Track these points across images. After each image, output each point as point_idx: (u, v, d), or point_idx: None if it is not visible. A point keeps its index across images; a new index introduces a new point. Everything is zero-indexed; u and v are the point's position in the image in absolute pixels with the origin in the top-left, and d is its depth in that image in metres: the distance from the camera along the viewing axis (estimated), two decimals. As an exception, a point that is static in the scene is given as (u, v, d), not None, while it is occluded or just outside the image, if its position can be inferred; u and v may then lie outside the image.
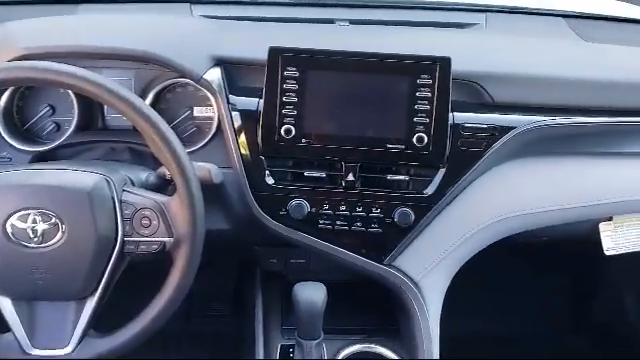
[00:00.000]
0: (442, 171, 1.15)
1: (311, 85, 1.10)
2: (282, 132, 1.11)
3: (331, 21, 1.39)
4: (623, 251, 1.27)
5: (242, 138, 1.14)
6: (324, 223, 1.16)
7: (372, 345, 1.26)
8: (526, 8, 1.51)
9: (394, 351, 1.24)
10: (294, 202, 1.14)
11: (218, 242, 1.15)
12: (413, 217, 1.15)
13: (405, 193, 1.15)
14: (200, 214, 0.97)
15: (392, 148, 1.12)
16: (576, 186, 1.22)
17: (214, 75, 1.15)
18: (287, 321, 1.32)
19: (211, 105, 1.19)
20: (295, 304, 1.07)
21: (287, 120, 1.11)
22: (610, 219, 1.26)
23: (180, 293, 0.98)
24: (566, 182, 1.22)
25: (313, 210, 1.15)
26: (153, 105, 1.19)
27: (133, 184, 1.05)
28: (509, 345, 1.86)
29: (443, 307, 1.21)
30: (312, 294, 1.06)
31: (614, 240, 1.26)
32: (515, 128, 1.16)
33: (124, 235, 0.98)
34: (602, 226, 1.26)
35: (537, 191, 1.21)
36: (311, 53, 1.11)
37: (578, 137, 1.22)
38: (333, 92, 1.12)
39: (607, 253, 1.27)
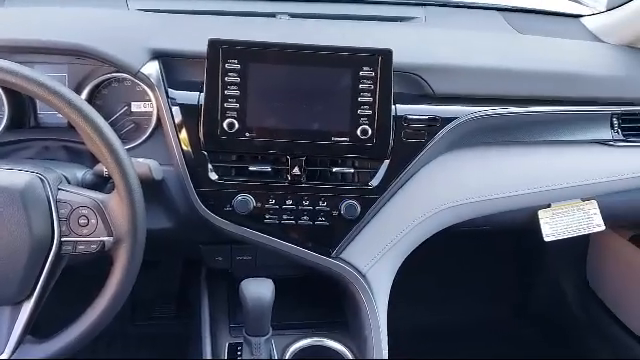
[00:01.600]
0: (386, 163, 1.16)
1: (253, 78, 1.09)
2: (225, 126, 1.09)
3: (272, 15, 1.38)
4: (561, 237, 1.31)
5: (183, 133, 1.11)
6: (270, 218, 1.15)
7: (321, 339, 1.25)
8: (464, 2, 1.54)
9: (343, 343, 1.24)
10: (239, 197, 1.13)
11: (161, 241, 1.12)
12: (359, 209, 1.15)
13: (351, 185, 1.16)
14: (140, 211, 0.94)
15: (337, 141, 1.12)
16: (515, 174, 1.25)
17: (152, 69, 1.12)
18: (234, 319, 1.30)
19: (150, 100, 1.16)
20: (242, 301, 1.05)
21: (229, 114, 1.09)
22: (548, 206, 1.30)
23: (122, 294, 0.95)
24: (505, 171, 1.26)
25: (259, 205, 1.14)
26: (89, 101, 1.15)
27: (69, 182, 1.01)
28: (454, 333, 1.90)
29: (390, 297, 1.22)
30: (259, 290, 1.04)
31: (552, 226, 1.30)
32: (456, 119, 1.18)
33: (61, 235, 0.94)
34: (541, 213, 1.30)
35: (478, 180, 1.24)
36: (252, 45, 1.09)
37: (516, 126, 1.25)
38: (276, 85, 1.11)
39: (546, 239, 1.30)
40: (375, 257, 1.20)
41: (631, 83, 1.32)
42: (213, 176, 1.12)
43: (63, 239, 0.94)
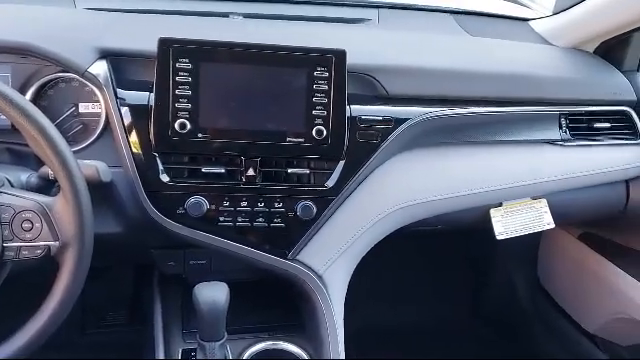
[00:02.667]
0: (341, 163, 1.15)
1: (205, 78, 1.07)
2: (176, 127, 1.06)
3: (225, 15, 1.36)
4: (513, 235, 1.33)
5: (133, 134, 1.08)
6: (225, 220, 1.13)
7: (277, 342, 1.24)
8: (416, 5, 1.56)
9: (300, 346, 1.23)
10: (192, 200, 1.10)
11: (110, 246, 1.09)
12: (315, 210, 1.15)
13: (306, 186, 1.15)
14: (87, 214, 0.91)
15: (292, 141, 1.11)
16: (467, 174, 1.27)
17: (100, 68, 1.08)
18: (188, 325, 1.28)
19: (98, 100, 1.12)
20: (196, 306, 1.02)
21: (181, 114, 1.06)
22: (500, 205, 1.32)
23: (69, 300, 0.91)
24: (458, 170, 1.27)
25: (212, 207, 1.12)
26: (34, 102, 1.10)
27: (12, 186, 0.97)
28: (410, 333, 1.92)
29: (347, 298, 1.22)
30: (214, 294, 1.02)
31: (504, 225, 1.33)
32: (409, 119, 1.19)
33: (3, 240, 0.90)
34: (493, 212, 1.32)
35: (430, 180, 1.25)
36: (204, 44, 1.07)
37: (468, 127, 1.27)
38: (229, 85, 1.09)
39: (498, 238, 1.33)
40: (331, 258, 1.19)
41: (578, 84, 1.36)
42: (164, 178, 1.10)
43: (5, 244, 0.90)
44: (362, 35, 1.37)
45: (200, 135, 1.08)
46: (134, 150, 1.08)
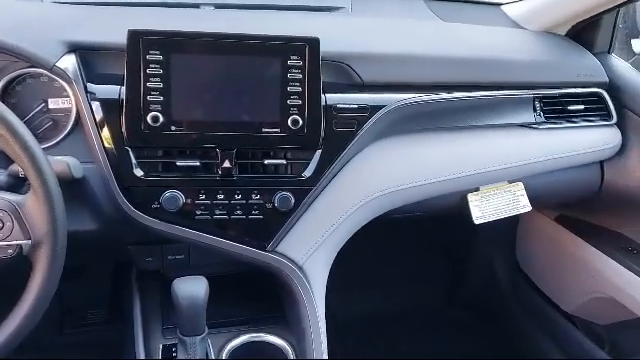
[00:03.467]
0: (319, 153, 1.14)
1: (177, 69, 1.05)
2: (149, 120, 1.04)
3: (196, 6, 1.34)
4: (491, 219, 1.34)
5: (104, 129, 1.06)
6: (201, 214, 1.11)
7: (259, 334, 1.23)
8: (388, -9, 1.55)
9: (282, 337, 1.23)
10: (167, 194, 1.08)
11: (86, 244, 1.07)
12: (293, 201, 1.14)
13: (284, 177, 1.14)
14: (59, 211, 0.89)
15: (268, 132, 1.09)
16: (444, 160, 1.27)
17: (68, 62, 1.06)
18: (168, 320, 1.26)
19: (68, 96, 1.10)
20: (175, 301, 1.01)
21: (153, 107, 1.05)
22: (477, 189, 1.33)
23: (43, 300, 0.89)
24: (434, 156, 1.27)
25: (189, 201, 1.10)
26: (1, 99, 1.08)
27: (-19, 185, 0.94)
28: (391, 320, 1.93)
29: (328, 287, 1.22)
30: (192, 288, 1.01)
31: (482, 209, 1.33)
32: (385, 107, 1.18)
33: None
34: (470, 196, 1.33)
35: (408, 167, 1.25)
36: (175, 35, 1.05)
37: (443, 112, 1.26)
38: (202, 76, 1.07)
39: (476, 222, 1.33)
40: (311, 248, 1.19)
41: (550, 67, 1.37)
42: (138, 172, 1.08)
43: (-24, 245, 0.88)
44: (335, 23, 1.37)
45: (173, 128, 1.06)
46: (106, 145, 1.06)
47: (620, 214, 1.50)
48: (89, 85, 1.06)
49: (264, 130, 1.09)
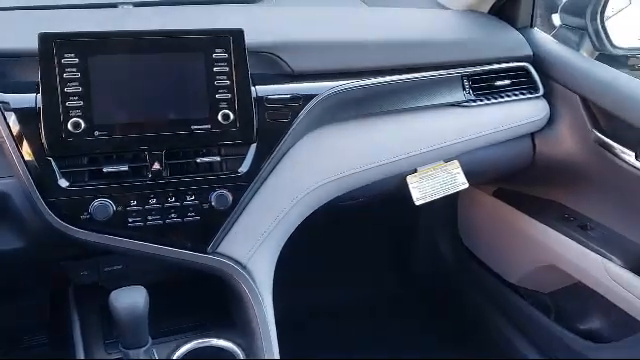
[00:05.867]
0: (254, 147, 1.11)
1: (96, 71, 1.00)
2: (69, 127, 0.99)
3: (114, 5, 1.29)
4: (431, 199, 1.35)
5: (23, 140, 0.99)
6: (134, 221, 1.06)
7: (207, 339, 1.20)
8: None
9: (231, 340, 1.20)
10: (96, 203, 1.03)
11: (15, 264, 1.01)
12: (231, 198, 1.10)
13: (219, 175, 1.10)
14: None
15: (198, 129, 1.05)
16: (380, 144, 1.27)
17: None
18: (110, 335, 1.21)
19: None
20: (114, 313, 0.97)
21: (73, 113, 0.99)
22: (415, 171, 1.33)
23: None
24: (371, 142, 1.26)
25: (119, 209, 1.05)
26: None
27: None
28: (342, 310, 1.92)
29: (274, 284, 1.19)
30: (131, 299, 0.97)
31: (421, 190, 1.34)
32: (317, 95, 1.16)
33: None
34: (409, 178, 1.33)
35: (345, 154, 1.24)
36: (90, 36, 1.00)
37: (376, 97, 1.26)
38: (123, 77, 1.02)
39: (417, 203, 1.34)
40: (254, 246, 1.16)
41: (475, 44, 1.38)
42: (63, 183, 1.02)
43: None
44: (260, 14, 1.34)
45: (97, 133, 1.01)
46: (26, 157, 1.00)
47: (554, 183, 1.54)
48: (1, 95, 0.99)
49: (194, 127, 1.05)
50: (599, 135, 1.35)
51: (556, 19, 1.62)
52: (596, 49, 1.46)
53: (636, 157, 1.27)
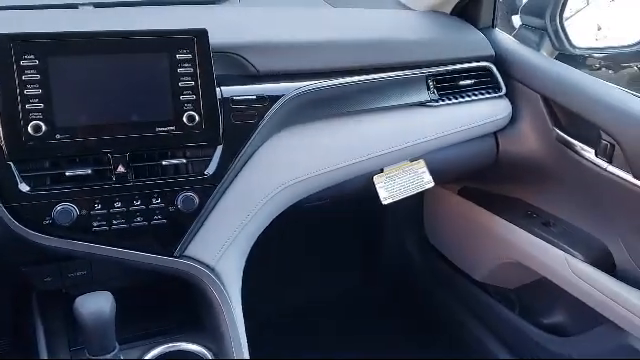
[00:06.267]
0: (220, 148, 1.10)
1: (56, 73, 0.97)
2: (29, 130, 0.96)
3: (74, 6, 1.27)
4: (397, 198, 1.36)
5: None
6: (99, 225, 1.04)
7: (176, 343, 1.18)
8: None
9: (201, 344, 1.18)
10: (58, 207, 1.00)
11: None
12: (197, 200, 1.09)
13: (185, 177, 1.09)
14: None
15: (162, 131, 1.04)
16: (347, 145, 1.27)
17: None
18: (75, 341, 1.18)
19: None
20: (79, 319, 0.94)
21: (33, 116, 0.96)
22: (382, 171, 1.34)
23: None
24: (337, 142, 1.26)
25: (83, 213, 1.02)
26: None
27: None
28: (311, 311, 1.92)
29: (243, 286, 1.19)
30: (96, 304, 0.94)
31: (388, 190, 1.35)
32: (283, 96, 1.16)
33: None
34: (376, 178, 1.34)
35: (312, 155, 1.24)
36: (50, 37, 0.98)
37: (342, 97, 1.26)
38: (85, 78, 1.00)
39: (384, 202, 1.35)
40: (222, 248, 1.15)
41: (438, 45, 1.40)
42: (24, 188, 0.99)
43: None
44: (224, 14, 1.34)
45: (58, 136, 0.98)
46: None
47: (517, 181, 1.57)
48: None
49: (158, 129, 1.04)
50: (560, 133, 1.38)
51: (516, 20, 1.65)
52: (556, 49, 1.49)
53: (596, 154, 1.30)
